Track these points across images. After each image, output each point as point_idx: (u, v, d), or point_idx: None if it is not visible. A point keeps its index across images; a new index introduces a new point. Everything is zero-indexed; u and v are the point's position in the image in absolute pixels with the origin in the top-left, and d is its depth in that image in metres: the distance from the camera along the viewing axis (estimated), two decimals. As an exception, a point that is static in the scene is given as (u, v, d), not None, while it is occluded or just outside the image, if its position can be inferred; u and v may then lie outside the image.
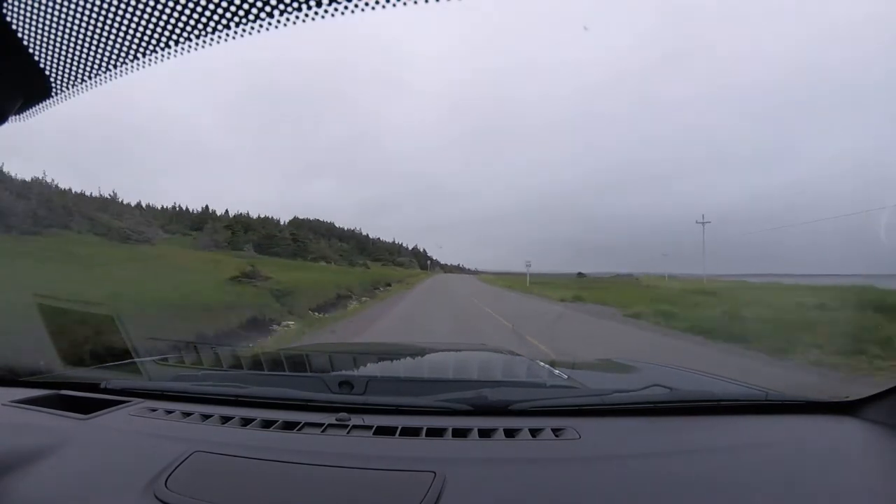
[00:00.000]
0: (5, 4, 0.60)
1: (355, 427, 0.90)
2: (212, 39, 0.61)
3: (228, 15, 0.58)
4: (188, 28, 0.60)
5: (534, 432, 0.87)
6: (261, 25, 0.59)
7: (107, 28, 0.61)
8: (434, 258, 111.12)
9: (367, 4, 0.57)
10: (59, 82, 0.70)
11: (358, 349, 2.08)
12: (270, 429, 0.90)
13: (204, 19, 0.59)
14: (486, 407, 0.98)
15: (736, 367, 5.57)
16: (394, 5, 0.58)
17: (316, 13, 0.58)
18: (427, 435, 0.87)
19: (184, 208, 48.73)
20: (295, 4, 0.56)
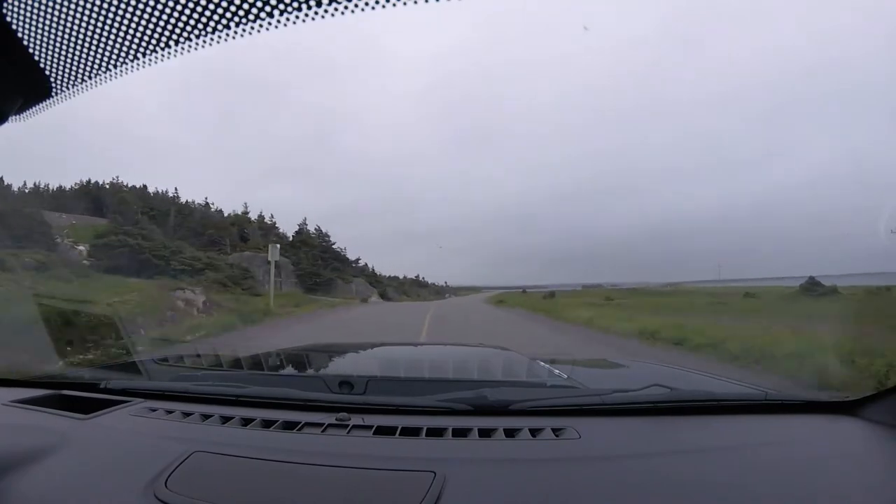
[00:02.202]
0: (5, 4, 0.60)
1: (355, 427, 0.90)
2: (212, 39, 0.62)
3: (228, 15, 0.58)
4: (188, 28, 0.60)
5: (534, 432, 0.87)
6: (261, 25, 0.59)
7: (107, 28, 0.61)
8: (365, 263, 48.29)
9: (366, 4, 0.57)
10: (59, 82, 0.70)
11: (358, 349, 2.08)
12: (270, 429, 0.90)
13: (204, 19, 0.59)
14: (486, 407, 0.98)
15: None
16: (394, 5, 0.58)
17: (316, 13, 0.58)
18: (427, 435, 0.87)
19: None
20: (295, 4, 0.56)
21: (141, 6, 0.58)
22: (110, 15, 0.60)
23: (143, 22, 0.60)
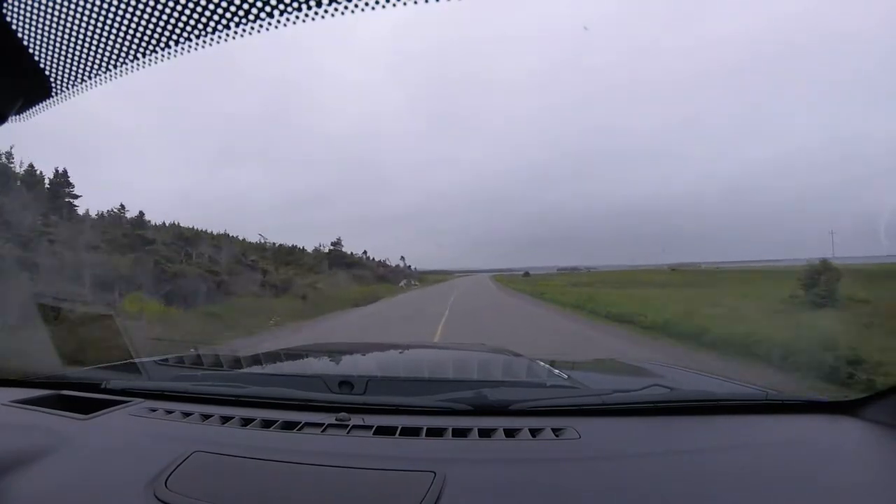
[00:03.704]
0: (5, 4, 0.60)
1: (355, 427, 0.90)
2: (212, 39, 0.62)
3: (228, 15, 0.58)
4: (188, 28, 0.60)
5: (534, 432, 0.87)
6: (261, 25, 0.59)
7: (107, 28, 0.61)
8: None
9: (366, 4, 0.57)
10: (59, 82, 0.70)
11: (358, 349, 2.08)
12: (270, 429, 0.90)
13: (204, 19, 0.59)
14: (486, 407, 0.98)
15: None
16: (394, 5, 0.58)
17: (316, 13, 0.58)
18: (427, 435, 0.87)
19: None
20: (295, 4, 0.56)
21: (141, 6, 0.58)
22: (110, 15, 0.60)
23: (143, 22, 0.60)
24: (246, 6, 0.57)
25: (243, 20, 0.58)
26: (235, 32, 0.60)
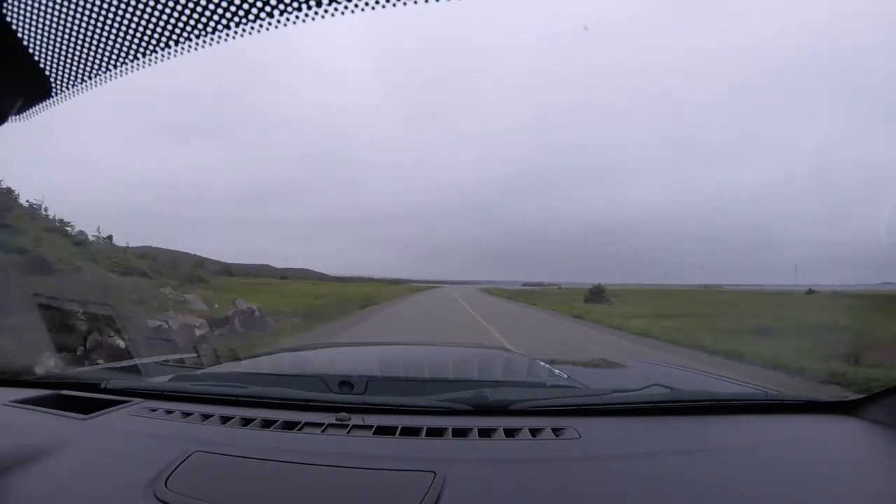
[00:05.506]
0: (5, 4, 0.60)
1: (355, 427, 0.90)
2: (212, 39, 0.62)
3: (228, 15, 0.58)
4: (188, 28, 0.60)
5: (534, 432, 0.87)
6: (261, 25, 0.59)
7: (107, 28, 0.62)
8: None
9: (366, 4, 0.57)
10: (59, 82, 0.71)
11: (358, 349, 2.08)
12: (270, 429, 0.90)
13: (204, 19, 0.59)
14: (486, 407, 0.98)
15: None
16: (394, 6, 0.58)
17: (316, 13, 0.58)
18: (427, 435, 0.87)
19: None
20: (295, 4, 0.56)
21: (141, 6, 0.58)
22: (110, 15, 0.60)
23: (143, 22, 0.60)
24: (246, 6, 0.57)
25: (243, 20, 0.58)
26: (235, 32, 0.60)
